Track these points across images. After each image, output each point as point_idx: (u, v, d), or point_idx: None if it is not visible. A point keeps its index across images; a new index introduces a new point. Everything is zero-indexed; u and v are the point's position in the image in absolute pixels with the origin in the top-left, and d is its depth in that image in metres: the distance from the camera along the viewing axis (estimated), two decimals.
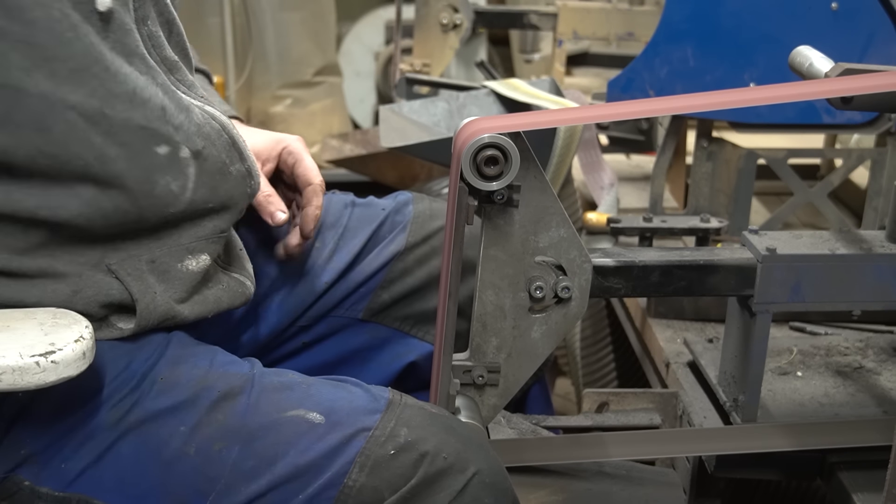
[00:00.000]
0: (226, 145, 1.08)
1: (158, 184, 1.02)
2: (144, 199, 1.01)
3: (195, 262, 1.07)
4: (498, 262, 1.05)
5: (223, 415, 1.00)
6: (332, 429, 0.99)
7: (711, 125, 1.68)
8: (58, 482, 1.01)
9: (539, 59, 3.15)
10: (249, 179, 1.11)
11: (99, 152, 0.97)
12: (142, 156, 1.00)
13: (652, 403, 1.31)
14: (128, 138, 0.99)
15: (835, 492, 1.17)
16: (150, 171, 1.01)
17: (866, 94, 1.04)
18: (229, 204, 1.09)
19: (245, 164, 1.10)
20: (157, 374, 1.03)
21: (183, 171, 1.03)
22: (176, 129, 1.02)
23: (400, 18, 2.39)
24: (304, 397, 1.02)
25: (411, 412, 1.01)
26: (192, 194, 1.04)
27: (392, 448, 0.97)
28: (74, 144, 0.96)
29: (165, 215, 1.03)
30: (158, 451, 1.00)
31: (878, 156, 1.66)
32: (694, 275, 1.12)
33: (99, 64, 0.96)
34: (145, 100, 1.00)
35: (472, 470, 0.98)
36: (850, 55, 1.48)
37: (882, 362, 1.34)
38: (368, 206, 1.39)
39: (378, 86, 4.18)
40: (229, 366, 1.06)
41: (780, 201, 1.85)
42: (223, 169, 1.07)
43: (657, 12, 2.28)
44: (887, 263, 1.14)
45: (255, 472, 0.98)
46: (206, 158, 1.05)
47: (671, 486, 1.19)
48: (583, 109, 1.34)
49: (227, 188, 1.08)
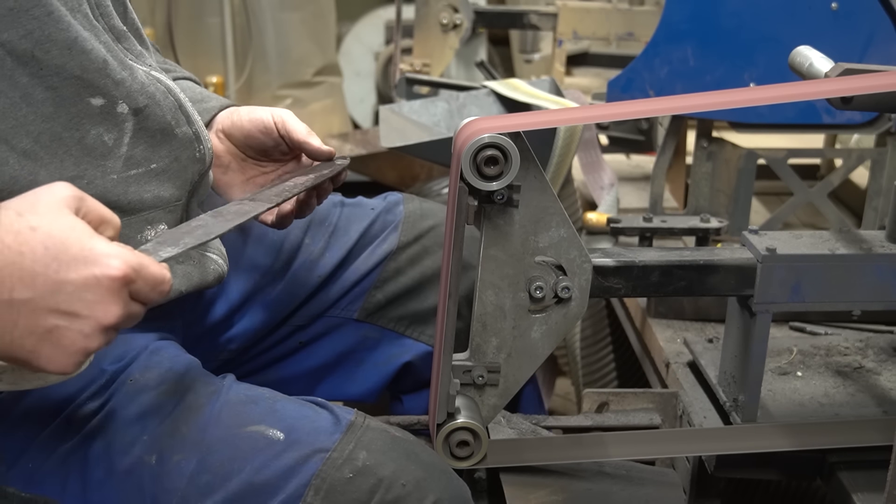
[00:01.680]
0: (171, 107, 1.08)
1: (90, 133, 1.01)
2: (77, 147, 1.00)
3: (153, 232, 1.06)
4: (498, 262, 1.05)
5: (186, 426, 1.00)
6: (289, 447, 0.98)
7: (711, 125, 1.68)
8: (24, 482, 1.00)
9: (539, 59, 3.15)
10: (197, 143, 1.11)
11: (24, 92, 0.97)
12: (70, 103, 0.99)
13: (652, 403, 1.31)
14: (58, 83, 0.98)
15: (835, 492, 1.17)
16: (80, 119, 1.00)
17: (866, 94, 1.04)
18: (176, 166, 1.08)
19: (192, 128, 1.10)
20: (127, 377, 1.02)
21: (118, 124, 1.03)
22: (116, 84, 1.02)
23: (400, 18, 2.39)
24: (268, 413, 1.01)
25: (372, 435, 1.00)
26: (129, 149, 1.04)
27: (349, 472, 0.96)
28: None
29: (105, 169, 1.02)
30: (121, 457, 0.99)
31: (878, 156, 1.66)
32: (694, 275, 1.12)
33: (41, 7, 0.96)
34: (86, 50, 0.99)
35: (432, 499, 0.97)
36: (850, 55, 1.48)
37: (882, 362, 1.34)
38: (358, 205, 1.40)
39: (378, 86, 4.18)
40: (201, 377, 1.05)
41: (780, 201, 1.85)
42: (167, 129, 1.07)
43: (657, 12, 2.28)
44: (887, 263, 1.14)
45: (210, 488, 0.97)
46: (147, 116, 1.05)
47: (671, 486, 1.19)
48: (583, 109, 1.34)
49: (172, 149, 1.08)
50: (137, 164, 1.05)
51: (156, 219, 1.06)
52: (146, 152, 1.05)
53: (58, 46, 0.98)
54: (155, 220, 1.06)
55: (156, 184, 1.06)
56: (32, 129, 0.98)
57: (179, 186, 1.09)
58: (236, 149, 1.22)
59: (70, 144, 1.00)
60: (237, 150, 1.22)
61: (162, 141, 1.07)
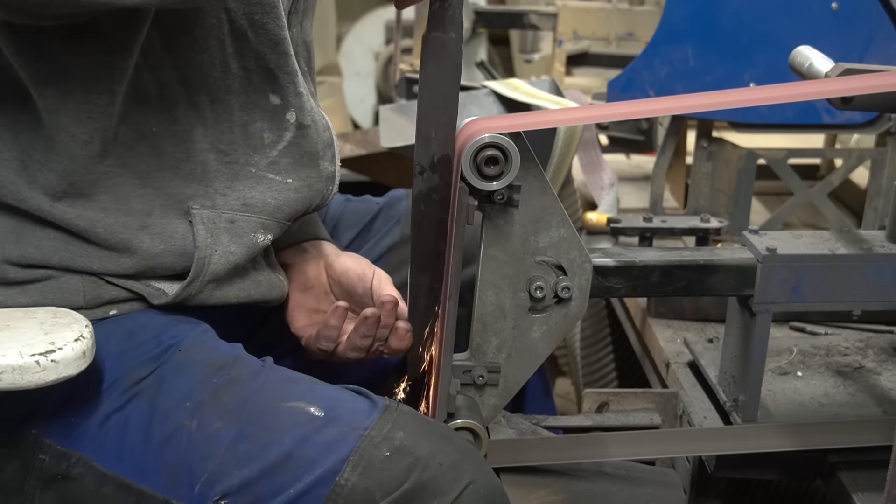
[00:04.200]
0: (325, 141, 1.16)
1: (255, 123, 1.09)
2: (240, 128, 1.08)
3: (263, 238, 1.12)
4: (498, 262, 1.05)
5: (228, 396, 1.01)
6: (329, 423, 0.99)
7: (711, 125, 1.68)
8: (62, 437, 1.02)
9: (539, 59, 3.15)
10: (330, 184, 1.17)
11: (224, 59, 1.06)
12: (254, 89, 1.09)
13: (652, 403, 1.31)
14: (253, 67, 1.08)
15: (835, 492, 1.17)
16: (254, 107, 1.09)
17: (866, 94, 1.04)
18: (306, 192, 1.14)
19: (333, 167, 1.17)
20: (177, 347, 1.05)
21: (280, 128, 1.11)
22: (296, 95, 1.11)
23: (400, 18, 2.39)
24: (308, 391, 1.03)
25: (408, 418, 1.01)
26: (279, 156, 1.11)
27: (387, 450, 0.97)
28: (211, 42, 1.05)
29: (250, 160, 1.09)
30: (162, 423, 1.01)
31: (878, 156, 1.66)
32: (694, 275, 1.12)
33: (269, 1, 1.07)
34: (287, 54, 1.09)
35: (467, 480, 0.97)
36: (850, 55, 1.48)
37: (882, 362, 1.34)
38: (363, 201, 1.44)
39: (378, 86, 4.18)
40: (244, 357, 1.07)
41: (780, 201, 1.85)
42: (315, 157, 1.14)
43: (657, 12, 2.28)
44: (887, 263, 1.14)
45: (248, 457, 0.98)
46: (305, 136, 1.13)
47: (671, 486, 1.19)
48: (583, 109, 1.34)
49: (310, 176, 1.14)
50: (278, 171, 1.12)
51: (270, 228, 1.12)
52: (289, 167, 1.13)
53: (268, 36, 1.07)
54: (269, 228, 1.12)
55: (284, 197, 1.12)
56: (213, 91, 1.07)
57: (298, 211, 1.15)
58: (328, 280, 1.24)
59: (235, 122, 1.09)
60: (326, 282, 1.24)
61: (307, 164, 1.14)
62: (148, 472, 1.00)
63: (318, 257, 1.26)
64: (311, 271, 1.25)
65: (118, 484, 1.01)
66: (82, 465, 1.02)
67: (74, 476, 1.02)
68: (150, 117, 1.04)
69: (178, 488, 0.99)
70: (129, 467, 1.01)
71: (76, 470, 1.02)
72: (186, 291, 1.08)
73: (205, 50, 1.05)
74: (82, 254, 1.06)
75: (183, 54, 1.04)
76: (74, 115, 1.01)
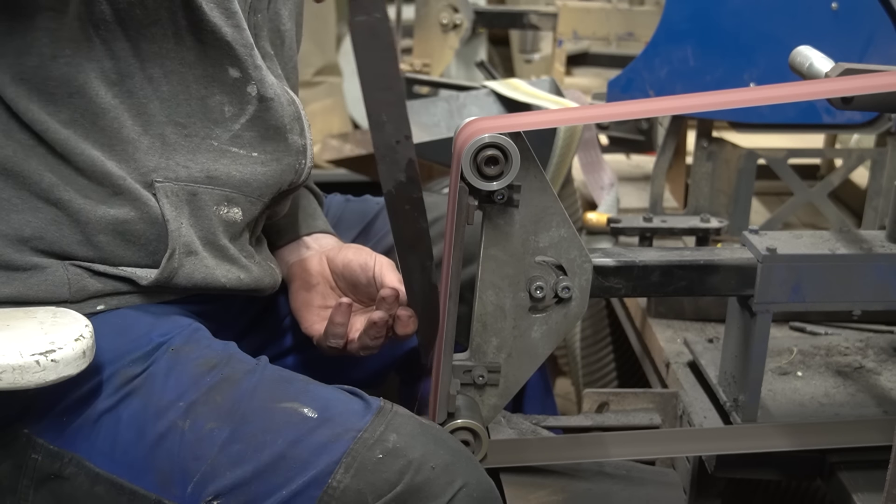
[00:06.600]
0: (292, 114, 1.15)
1: (214, 97, 1.09)
2: (197, 101, 1.08)
3: (227, 210, 1.11)
4: (498, 262, 1.05)
5: (221, 396, 1.01)
6: (322, 424, 0.99)
7: (711, 125, 1.68)
8: (55, 436, 1.02)
9: (539, 59, 3.15)
10: (302, 157, 1.17)
11: (177, 32, 1.05)
12: (211, 62, 1.08)
13: (652, 403, 1.31)
14: (209, 40, 1.07)
15: (835, 492, 1.17)
16: (212, 80, 1.08)
17: (866, 94, 1.04)
18: (275, 167, 1.13)
19: (303, 141, 1.17)
20: (168, 346, 1.05)
21: (241, 101, 1.10)
22: (255, 68, 1.10)
23: (400, 18, 2.39)
24: (302, 392, 1.03)
25: (402, 420, 1.01)
26: (242, 129, 1.11)
27: (379, 452, 0.97)
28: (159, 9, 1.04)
29: (211, 133, 1.09)
30: (155, 421, 1.01)
31: (878, 156, 1.66)
32: (694, 275, 1.12)
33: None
34: (241, 28, 1.07)
35: (460, 483, 0.97)
36: (850, 55, 1.48)
37: (882, 362, 1.34)
38: (363, 201, 1.45)
39: None
40: (238, 355, 1.07)
41: (780, 201, 1.85)
42: (281, 130, 1.14)
43: (657, 12, 2.28)
44: (887, 263, 1.14)
45: (241, 457, 0.98)
46: (269, 108, 1.12)
47: (671, 486, 1.19)
48: (583, 109, 1.34)
49: (278, 150, 1.14)
50: (242, 145, 1.11)
51: (236, 201, 1.12)
52: (254, 140, 1.12)
53: (221, 9, 1.06)
54: (235, 201, 1.12)
55: (249, 170, 1.12)
56: (167, 64, 1.06)
57: (269, 185, 1.14)
58: (331, 275, 1.25)
59: (192, 96, 1.08)
60: (330, 277, 1.25)
61: (273, 138, 1.13)
62: (140, 471, 1.00)
63: (319, 253, 1.26)
64: (314, 268, 1.25)
65: (111, 483, 1.01)
66: (75, 464, 1.02)
67: (67, 475, 1.02)
68: (106, 91, 1.04)
69: (171, 488, 0.99)
70: (121, 467, 1.01)
71: (69, 469, 1.02)
72: (170, 265, 1.07)
73: (156, 21, 1.04)
74: (68, 198, 1.05)
75: (133, 25, 1.03)
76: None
